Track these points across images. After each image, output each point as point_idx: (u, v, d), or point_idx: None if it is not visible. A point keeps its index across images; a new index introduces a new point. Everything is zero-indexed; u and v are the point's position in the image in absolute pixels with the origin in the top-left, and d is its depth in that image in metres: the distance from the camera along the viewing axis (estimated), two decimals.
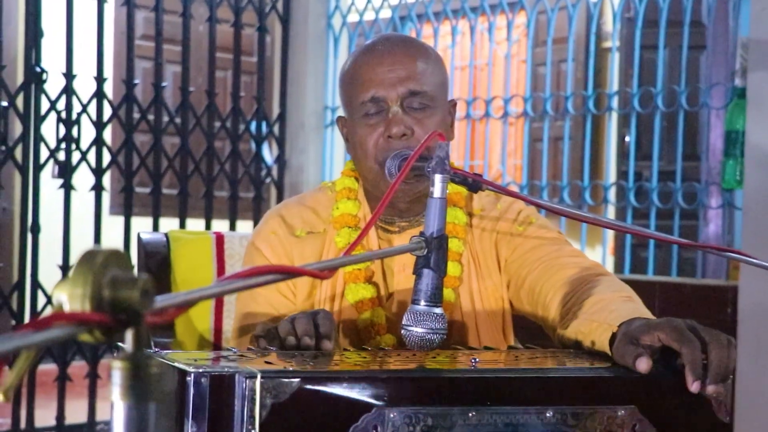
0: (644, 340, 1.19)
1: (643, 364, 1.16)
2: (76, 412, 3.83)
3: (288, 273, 0.96)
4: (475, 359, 1.23)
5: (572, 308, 1.43)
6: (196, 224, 4.05)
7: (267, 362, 1.15)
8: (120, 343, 0.70)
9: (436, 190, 1.32)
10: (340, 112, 1.69)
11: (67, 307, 0.68)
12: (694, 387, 1.14)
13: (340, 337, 1.61)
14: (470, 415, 1.10)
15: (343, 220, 1.65)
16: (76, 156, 3.65)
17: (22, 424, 3.62)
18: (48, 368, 3.90)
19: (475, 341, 1.61)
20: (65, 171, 3.64)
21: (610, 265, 4.13)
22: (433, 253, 1.29)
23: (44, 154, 3.60)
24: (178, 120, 3.93)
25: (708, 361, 1.16)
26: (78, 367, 3.91)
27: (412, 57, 1.60)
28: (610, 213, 3.70)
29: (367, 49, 1.64)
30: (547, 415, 1.13)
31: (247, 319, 1.64)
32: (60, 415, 3.74)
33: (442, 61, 1.68)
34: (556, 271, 1.53)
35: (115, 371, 0.69)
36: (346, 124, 1.67)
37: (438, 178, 1.33)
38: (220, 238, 2.11)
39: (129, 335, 0.69)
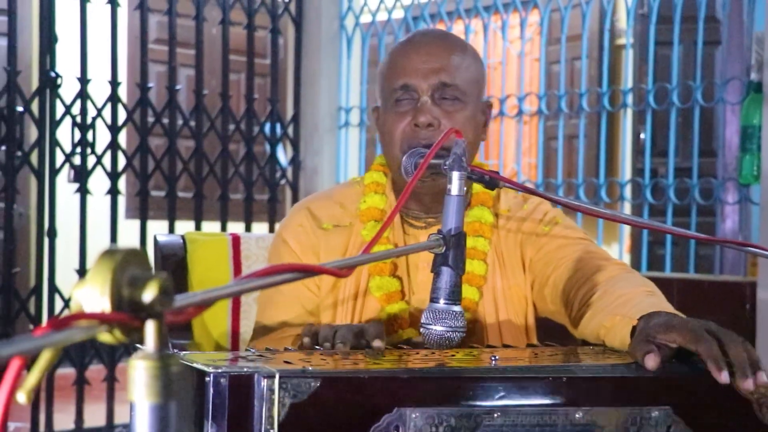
0: (660, 338, 1.18)
1: (651, 361, 1.14)
2: (95, 416, 3.84)
3: (306, 271, 0.95)
4: (495, 357, 1.22)
5: (595, 303, 1.42)
6: (211, 227, 4.05)
7: (286, 362, 1.14)
8: (138, 345, 0.70)
9: (454, 188, 1.32)
10: (355, 113, 1.70)
11: (86, 307, 0.68)
12: (723, 377, 1.10)
13: None
14: (495, 415, 1.08)
15: (369, 213, 1.65)
16: (91, 160, 3.66)
17: (41, 428, 3.64)
18: (66, 372, 3.91)
19: (497, 341, 1.61)
20: (81, 175, 3.65)
21: (626, 263, 4.10)
22: (452, 251, 1.29)
23: (60, 158, 3.61)
24: (192, 123, 3.93)
25: (730, 358, 1.14)
26: (96, 370, 3.92)
27: (447, 50, 1.61)
28: (626, 210, 3.67)
29: (405, 40, 1.66)
30: (577, 416, 1.09)
31: (270, 310, 1.64)
32: (78, 419, 3.75)
33: (481, 60, 1.68)
34: (580, 268, 1.53)
35: (136, 370, 0.68)
36: (380, 115, 1.68)
37: (455, 175, 1.32)
38: (236, 240, 2.11)
39: (149, 334, 0.69)
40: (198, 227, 3.91)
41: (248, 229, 4.06)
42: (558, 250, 1.60)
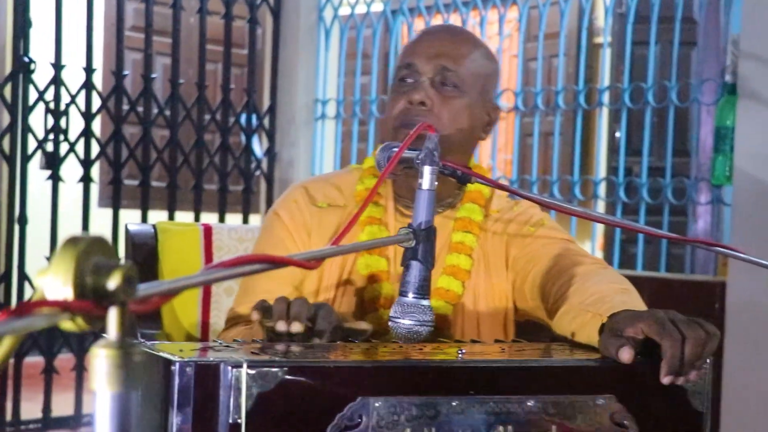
0: (628, 332, 1.21)
1: (626, 355, 1.18)
2: (63, 405, 3.82)
3: (274, 263, 0.95)
4: (461, 350, 1.23)
5: (570, 298, 1.44)
6: (185, 217, 4.04)
7: (253, 352, 1.15)
8: (104, 334, 0.70)
9: (425, 182, 1.32)
10: (332, 105, 1.72)
11: (49, 294, 0.67)
12: (666, 380, 1.18)
13: (342, 306, 1.62)
14: (454, 404, 1.12)
15: (365, 195, 1.65)
16: (64, 147, 3.64)
17: (8, 417, 3.61)
18: (34, 361, 3.89)
19: (475, 335, 1.62)
20: (53, 162, 3.62)
21: (603, 260, 4.12)
22: (421, 245, 1.29)
23: (32, 144, 3.58)
24: (167, 112, 3.91)
25: (682, 354, 1.18)
26: (64, 359, 3.89)
27: (456, 40, 1.65)
28: (600, 208, 3.69)
29: (424, 29, 1.75)
30: (529, 404, 1.15)
31: (254, 280, 1.64)
32: (46, 408, 3.72)
33: (494, 61, 1.71)
34: (558, 263, 1.56)
35: (97, 359, 0.68)
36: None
37: (427, 169, 1.32)
38: (208, 230, 2.10)
39: (111, 323, 0.68)
40: (171, 217, 3.89)
41: (222, 219, 4.04)
42: (541, 248, 1.62)
